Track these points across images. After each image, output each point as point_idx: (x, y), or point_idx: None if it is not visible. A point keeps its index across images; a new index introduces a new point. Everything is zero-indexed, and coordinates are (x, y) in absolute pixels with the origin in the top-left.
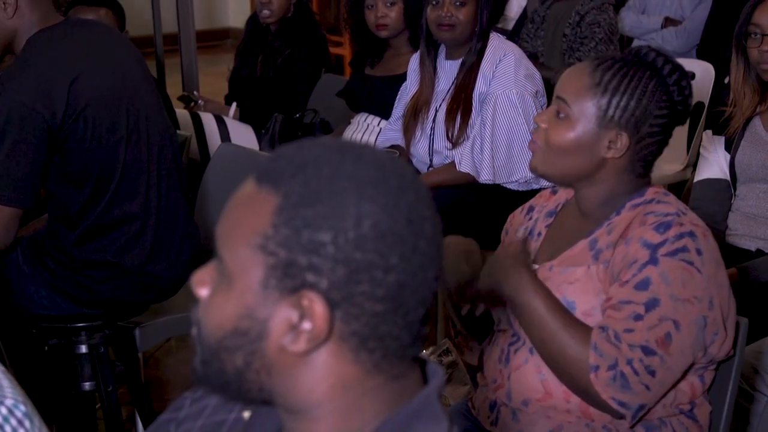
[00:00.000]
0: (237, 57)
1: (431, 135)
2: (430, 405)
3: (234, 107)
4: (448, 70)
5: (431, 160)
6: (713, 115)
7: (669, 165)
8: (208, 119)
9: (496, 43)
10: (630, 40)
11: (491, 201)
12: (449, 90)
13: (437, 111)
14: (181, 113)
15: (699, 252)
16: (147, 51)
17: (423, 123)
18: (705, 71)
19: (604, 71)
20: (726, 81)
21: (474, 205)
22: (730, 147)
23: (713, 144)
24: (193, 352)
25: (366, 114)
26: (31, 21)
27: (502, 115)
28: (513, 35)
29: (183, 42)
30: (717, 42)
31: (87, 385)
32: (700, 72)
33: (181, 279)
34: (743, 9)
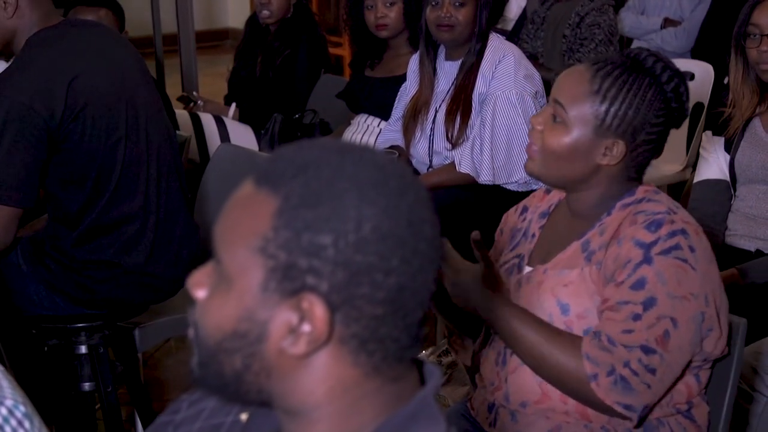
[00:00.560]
0: (236, 57)
1: (431, 136)
2: (427, 406)
3: (233, 108)
4: (447, 70)
5: (431, 160)
6: (713, 116)
7: (668, 165)
8: (207, 120)
9: (495, 44)
10: (630, 40)
11: (491, 201)
12: (449, 91)
13: (437, 112)
14: (181, 114)
15: (692, 249)
16: (146, 51)
17: (422, 124)
18: (704, 72)
19: (603, 78)
20: (725, 81)
21: (473, 206)
22: (729, 148)
23: (713, 145)
24: (192, 352)
25: (366, 115)
26: (31, 21)
27: (501, 116)
28: (512, 36)
29: (182, 42)
30: (715, 42)
31: (87, 386)
32: (699, 72)
33: (181, 279)
34: (742, 9)
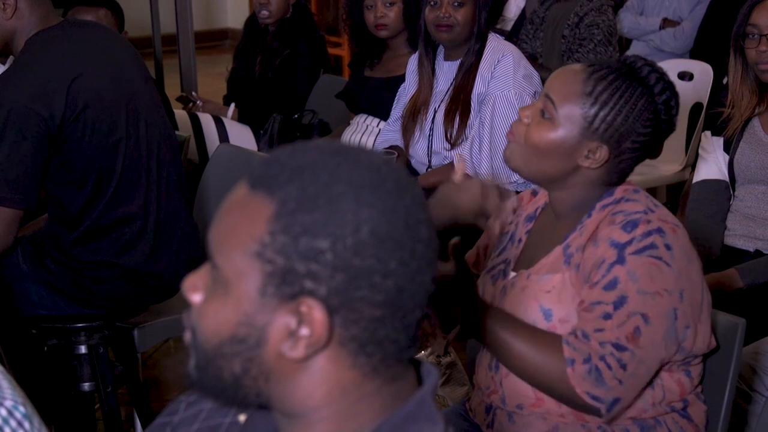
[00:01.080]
0: (235, 58)
1: (430, 136)
2: (425, 407)
3: (232, 108)
4: (446, 70)
5: (430, 160)
6: (712, 116)
7: (668, 165)
8: (206, 120)
9: (494, 44)
10: (629, 41)
11: None
12: (448, 91)
13: (436, 112)
14: (180, 114)
15: (668, 247)
16: (145, 52)
17: (422, 124)
18: (704, 72)
19: (597, 81)
20: (724, 82)
21: None
22: (728, 148)
23: (712, 145)
24: (189, 355)
25: (365, 115)
26: (30, 22)
27: (500, 116)
28: (511, 36)
29: (181, 43)
30: (714, 42)
31: (86, 386)
32: (698, 73)
33: (181, 279)
34: (741, 10)
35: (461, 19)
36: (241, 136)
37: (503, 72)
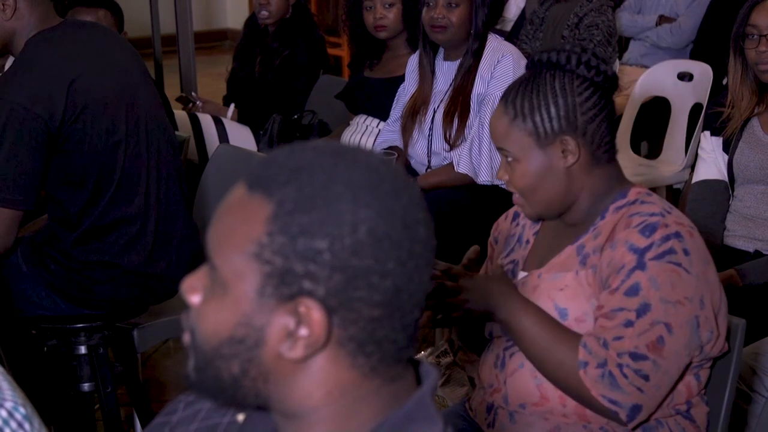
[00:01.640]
0: (235, 58)
1: (429, 136)
2: (424, 407)
3: (232, 108)
4: (446, 71)
5: (429, 161)
6: (711, 117)
7: (667, 166)
8: (206, 120)
9: (494, 44)
10: (627, 40)
11: (489, 202)
12: (447, 91)
13: (435, 112)
14: (180, 114)
15: (686, 252)
16: (145, 52)
17: (421, 124)
18: (703, 73)
19: (512, 101)
20: (724, 82)
21: (472, 206)
22: (728, 148)
23: (711, 145)
24: (188, 356)
25: (364, 115)
26: (30, 22)
27: None
28: (511, 36)
29: (181, 43)
30: (714, 43)
31: (86, 386)
32: (698, 73)
33: (181, 280)
34: (740, 10)
35: (455, 20)
36: (241, 136)
37: (503, 72)
